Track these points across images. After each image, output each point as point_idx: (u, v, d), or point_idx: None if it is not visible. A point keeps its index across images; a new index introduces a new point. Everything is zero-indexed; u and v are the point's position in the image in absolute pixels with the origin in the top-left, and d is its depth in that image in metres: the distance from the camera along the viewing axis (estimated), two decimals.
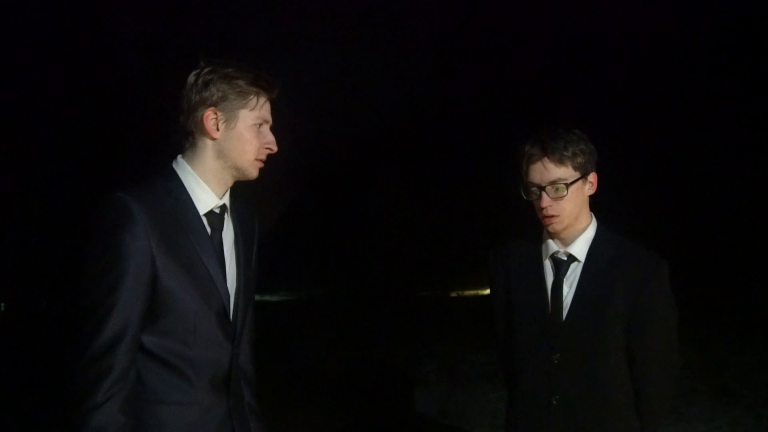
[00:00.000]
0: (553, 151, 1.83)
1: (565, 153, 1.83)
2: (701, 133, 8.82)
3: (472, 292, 10.68)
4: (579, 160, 1.85)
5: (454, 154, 10.06)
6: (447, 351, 6.62)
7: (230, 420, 1.63)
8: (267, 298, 9.64)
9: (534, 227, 1.96)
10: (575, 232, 1.91)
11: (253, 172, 1.66)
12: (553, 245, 1.93)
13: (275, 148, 1.67)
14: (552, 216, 1.86)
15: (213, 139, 1.61)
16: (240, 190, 1.75)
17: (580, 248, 1.91)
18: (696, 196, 8.95)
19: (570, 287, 1.90)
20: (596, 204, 1.97)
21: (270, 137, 1.66)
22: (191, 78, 1.61)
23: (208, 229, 1.63)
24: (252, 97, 1.62)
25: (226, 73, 1.60)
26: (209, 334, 1.60)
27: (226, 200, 1.68)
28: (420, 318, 8.43)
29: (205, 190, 1.63)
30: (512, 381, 2.02)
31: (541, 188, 1.85)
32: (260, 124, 1.64)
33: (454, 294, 10.60)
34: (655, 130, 8.79)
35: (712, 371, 5.35)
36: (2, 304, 8.95)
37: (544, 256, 1.95)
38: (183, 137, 1.64)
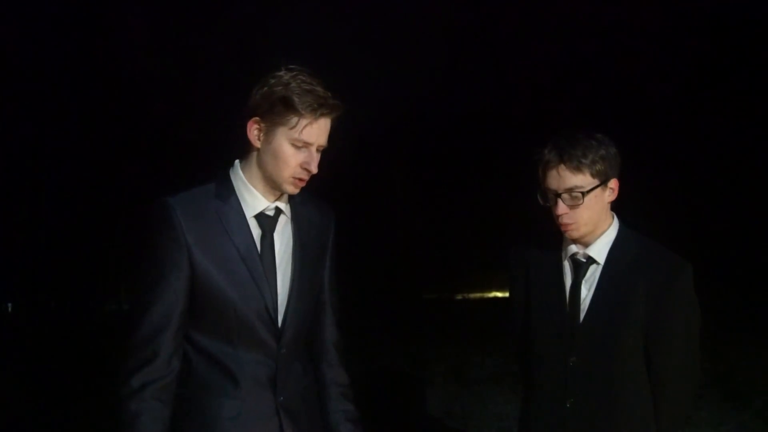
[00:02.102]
0: (570, 158, 1.79)
1: (583, 160, 1.79)
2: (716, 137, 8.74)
3: (477, 295, 10.67)
4: (598, 167, 1.80)
5: (461, 158, 10.05)
6: (453, 353, 6.60)
7: (278, 417, 1.66)
8: None
9: (555, 228, 1.91)
10: (596, 234, 1.88)
11: (288, 188, 1.66)
12: (573, 246, 1.90)
13: (313, 170, 1.64)
14: (568, 224, 1.83)
15: (256, 149, 1.65)
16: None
17: (600, 250, 1.87)
18: (706, 199, 8.90)
19: (589, 290, 1.87)
20: (620, 205, 1.93)
21: (307, 158, 1.62)
22: (263, 79, 1.62)
23: (257, 231, 1.67)
24: (293, 117, 1.60)
25: (286, 84, 1.59)
26: (252, 333, 1.64)
27: (281, 203, 1.70)
28: (426, 320, 8.41)
29: (253, 194, 1.67)
30: (528, 382, 1.99)
31: (557, 195, 1.81)
32: (300, 146, 1.62)
33: (459, 297, 10.59)
34: (675, 134, 8.71)
35: (722, 376, 5.32)
36: (10, 305, 8.98)
37: (563, 257, 1.91)
38: (241, 141, 1.67)
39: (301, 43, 6.99)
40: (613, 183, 1.85)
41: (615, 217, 1.92)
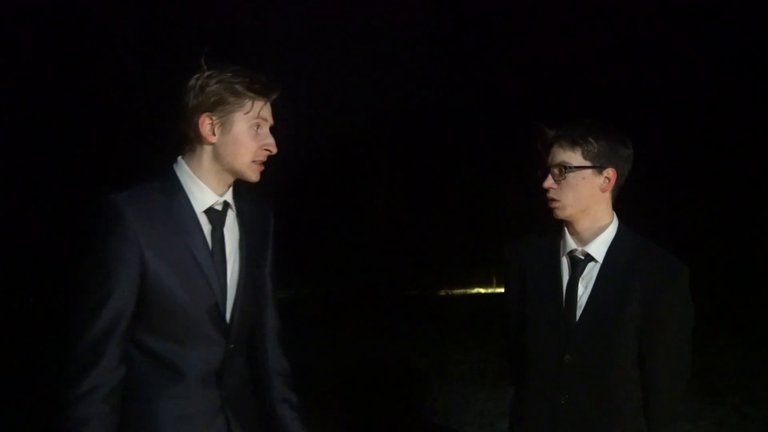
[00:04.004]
0: (564, 135, 1.82)
1: (577, 139, 1.80)
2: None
3: (460, 291, 10.70)
4: (592, 149, 1.81)
5: (444, 154, 10.06)
6: (435, 349, 6.62)
7: (223, 413, 1.66)
8: None
9: (554, 223, 1.92)
10: (594, 231, 1.87)
11: (251, 176, 1.68)
12: (571, 243, 1.89)
13: (274, 150, 1.68)
14: (552, 200, 1.84)
15: (210, 143, 1.65)
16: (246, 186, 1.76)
17: (598, 248, 1.86)
18: (686, 197, 8.97)
19: (585, 287, 1.86)
20: (619, 204, 1.93)
21: (268, 139, 1.68)
22: (191, 82, 1.64)
23: (208, 227, 1.66)
24: (247, 101, 1.63)
25: (222, 77, 1.62)
26: (201, 330, 1.63)
27: (228, 197, 1.70)
28: (408, 317, 8.43)
29: (202, 189, 1.66)
30: (520, 379, 1.99)
31: (548, 170, 1.84)
32: (258, 126, 1.66)
33: (442, 293, 10.61)
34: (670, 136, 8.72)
35: (699, 372, 5.36)
36: None
37: (561, 253, 1.90)
38: (182, 139, 1.67)
39: (284, 39, 6.94)
40: (610, 173, 1.84)
41: (615, 216, 1.91)
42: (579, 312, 1.86)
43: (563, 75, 8.63)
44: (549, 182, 1.83)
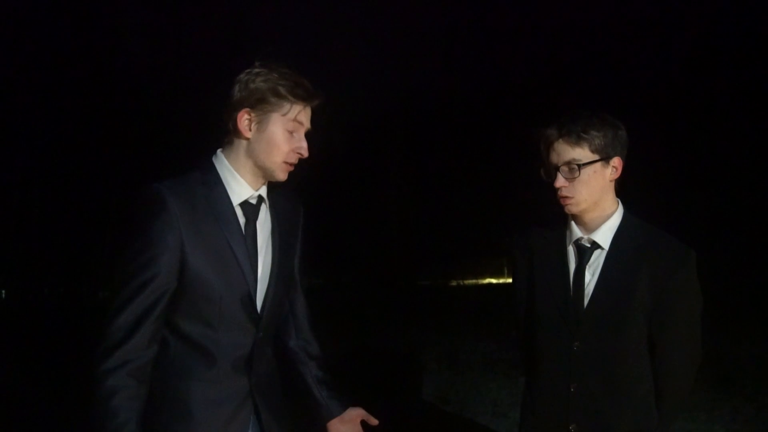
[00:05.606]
0: (569, 132, 1.81)
1: (582, 134, 1.81)
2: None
3: (472, 281, 10.70)
4: (598, 142, 1.81)
5: (455, 145, 10.04)
6: (447, 339, 6.63)
7: (251, 397, 1.73)
8: None
9: (559, 212, 1.92)
10: (600, 219, 1.88)
11: (279, 175, 1.73)
12: (577, 231, 1.90)
13: (305, 154, 1.73)
14: (566, 197, 1.84)
15: (246, 138, 1.71)
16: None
17: (604, 235, 1.88)
18: (701, 186, 8.90)
19: (593, 275, 1.87)
20: (623, 192, 1.94)
21: (301, 143, 1.72)
22: (240, 76, 1.70)
23: (242, 219, 1.73)
24: (287, 104, 1.69)
25: (269, 77, 1.68)
26: (234, 317, 1.70)
27: (263, 192, 1.77)
28: (421, 307, 8.44)
29: (240, 182, 1.73)
30: (530, 367, 2.00)
31: (557, 169, 1.83)
32: (293, 129, 1.71)
33: (454, 283, 10.62)
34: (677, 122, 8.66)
35: (714, 361, 5.37)
36: (3, 292, 8.95)
37: (567, 242, 1.92)
38: (223, 132, 1.74)
39: (294, 32, 6.93)
40: (616, 161, 1.85)
41: (620, 203, 1.92)
42: (587, 299, 1.87)
43: (568, 69, 8.58)
44: (561, 181, 1.83)
